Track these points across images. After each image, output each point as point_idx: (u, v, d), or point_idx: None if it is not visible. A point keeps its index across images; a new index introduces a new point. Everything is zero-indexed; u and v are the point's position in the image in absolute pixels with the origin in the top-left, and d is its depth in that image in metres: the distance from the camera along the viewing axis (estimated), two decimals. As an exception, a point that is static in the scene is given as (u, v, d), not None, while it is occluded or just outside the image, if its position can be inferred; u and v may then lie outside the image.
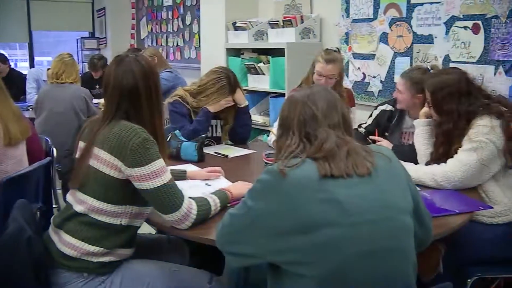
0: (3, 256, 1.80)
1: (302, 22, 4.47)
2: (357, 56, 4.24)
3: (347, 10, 4.28)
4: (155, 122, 1.94)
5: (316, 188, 1.41)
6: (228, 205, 2.04)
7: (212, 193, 2.04)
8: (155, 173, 1.79)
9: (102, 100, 5.35)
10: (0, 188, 2.26)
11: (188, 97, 3.12)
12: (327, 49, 3.26)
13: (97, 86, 6.00)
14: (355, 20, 4.22)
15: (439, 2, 3.56)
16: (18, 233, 1.79)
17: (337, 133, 1.53)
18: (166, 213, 1.82)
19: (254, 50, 4.94)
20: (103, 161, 1.82)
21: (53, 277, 1.88)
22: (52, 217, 2.02)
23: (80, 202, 1.87)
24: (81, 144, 1.98)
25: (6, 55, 6.22)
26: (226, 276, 2.09)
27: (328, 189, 1.41)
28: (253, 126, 3.61)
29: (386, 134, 2.99)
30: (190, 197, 1.90)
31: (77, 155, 1.98)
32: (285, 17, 4.56)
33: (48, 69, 5.87)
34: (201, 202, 1.91)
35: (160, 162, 1.82)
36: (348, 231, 1.39)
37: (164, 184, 1.81)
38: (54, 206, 3.11)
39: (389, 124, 3.01)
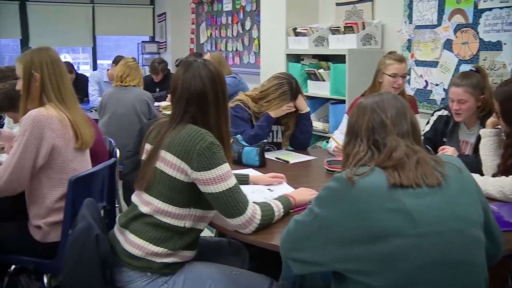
0: (73, 252, 1.87)
1: (364, 29, 4.43)
2: (420, 63, 4.16)
3: (409, 16, 4.21)
4: (221, 126, 1.96)
5: (385, 197, 1.39)
6: (291, 211, 2.03)
7: (275, 199, 2.04)
8: (220, 177, 1.81)
9: (162, 103, 5.52)
10: (70, 186, 2.33)
11: (250, 102, 3.15)
12: (390, 52, 3.24)
13: (157, 89, 6.14)
14: (418, 27, 4.14)
15: (510, 7, 3.43)
16: (87, 231, 1.85)
17: (406, 142, 1.50)
18: (230, 217, 1.84)
19: (314, 56, 4.92)
20: (170, 164, 1.85)
21: (118, 275, 1.93)
22: (117, 217, 2.07)
23: (145, 203, 1.91)
24: (148, 146, 2.02)
25: (72, 63, 6.46)
26: (281, 282, 2.08)
27: (397, 199, 1.39)
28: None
29: (444, 139, 2.90)
30: (254, 202, 1.91)
31: (143, 157, 2.02)
32: (346, 23, 4.53)
33: (108, 70, 6.09)
34: (265, 208, 1.92)
35: (226, 167, 1.84)
36: (416, 242, 1.36)
37: (230, 188, 1.82)
38: (116, 205, 3.18)
39: (445, 129, 2.92)
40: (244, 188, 2.10)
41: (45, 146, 2.31)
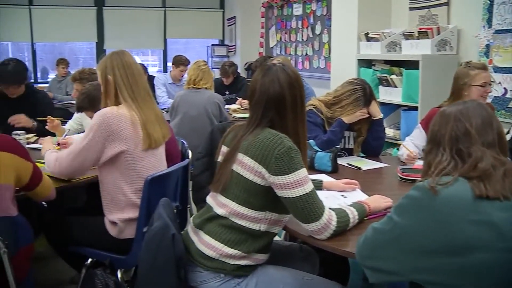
0: (149, 250, 1.91)
1: (439, 34, 4.31)
2: (499, 69, 4.00)
3: (489, 21, 4.06)
4: (299, 130, 1.95)
5: (469, 209, 1.35)
6: (365, 218, 2.01)
7: (350, 205, 2.02)
8: (298, 182, 1.81)
9: (232, 106, 5.58)
10: (146, 185, 2.39)
11: (323, 107, 3.13)
12: (467, 62, 3.14)
13: (227, 92, 6.21)
14: (498, 31, 3.99)
15: None
16: (163, 230, 1.89)
17: (491, 153, 1.45)
18: (306, 222, 1.83)
19: (386, 62, 4.85)
20: (247, 167, 1.86)
21: (191, 275, 1.96)
22: (192, 217, 2.11)
23: (221, 205, 1.93)
24: (224, 149, 2.03)
25: (144, 65, 6.65)
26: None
27: (483, 211, 1.34)
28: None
29: None
30: (330, 208, 1.90)
31: (220, 159, 2.04)
32: (420, 28, 4.43)
33: (170, 71, 6.23)
34: (341, 214, 1.90)
35: (303, 172, 1.83)
36: (502, 256, 1.32)
37: (306, 193, 1.81)
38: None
39: None
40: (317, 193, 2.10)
41: (110, 143, 2.40)
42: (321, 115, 3.12)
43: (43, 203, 3.11)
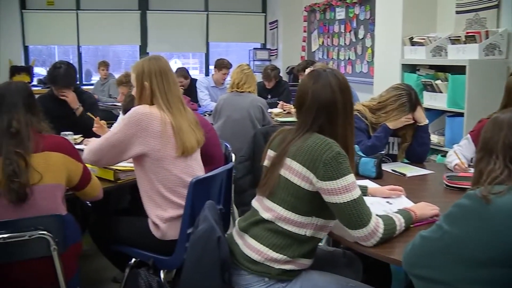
0: (194, 252, 1.94)
1: (487, 38, 4.22)
2: (550, 76, 3.89)
3: (541, 25, 3.95)
4: (348, 136, 1.95)
5: None
6: (411, 226, 1.98)
7: (396, 212, 2.00)
8: (345, 188, 1.80)
9: (274, 110, 5.59)
10: (190, 187, 2.42)
11: (367, 112, 3.11)
12: None
13: (269, 96, 6.22)
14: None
15: None
16: (209, 232, 1.90)
17: None
18: (353, 229, 1.82)
19: (431, 67, 4.77)
20: (295, 172, 1.86)
21: (235, 278, 1.97)
22: (237, 220, 2.12)
23: (267, 209, 1.93)
24: (270, 153, 2.04)
25: (186, 69, 6.73)
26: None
27: None
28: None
29: None
30: (376, 215, 1.88)
31: (266, 163, 2.04)
32: (468, 33, 4.34)
33: (212, 74, 6.28)
34: (388, 221, 1.88)
35: (351, 177, 1.82)
36: None
37: (354, 199, 1.80)
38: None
39: None
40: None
41: (138, 139, 2.45)
42: (365, 120, 3.10)
43: (88, 202, 3.18)
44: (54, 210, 2.19)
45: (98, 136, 3.40)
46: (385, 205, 2.27)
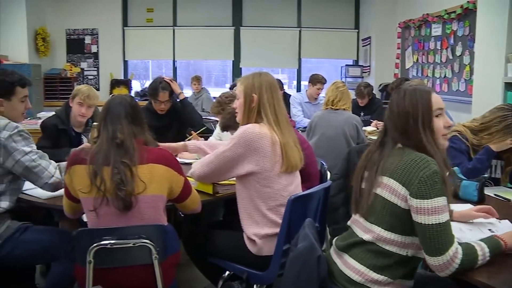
0: (293, 269, 1.94)
1: None
2: None
3: None
4: (444, 155, 1.90)
5: None
6: None
7: (482, 240, 1.89)
8: (434, 210, 1.76)
9: (368, 128, 5.52)
10: (288, 204, 2.43)
11: (468, 133, 3.01)
12: None
13: (362, 114, 6.15)
14: None
15: None
16: (309, 250, 1.91)
17: None
18: (429, 255, 1.78)
19: (537, 86, 4.53)
20: (392, 190, 1.85)
21: (333, 297, 1.96)
22: (335, 240, 2.12)
23: (366, 230, 1.92)
24: (365, 172, 2.02)
25: (281, 81, 6.80)
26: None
27: None
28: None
29: None
30: (459, 243, 1.81)
31: (361, 183, 2.02)
32: None
33: (306, 90, 6.29)
34: (468, 250, 1.79)
35: (443, 200, 1.78)
36: None
37: (440, 223, 1.76)
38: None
39: None
40: (460, 226, 2.02)
41: (247, 158, 2.48)
42: (466, 141, 3.00)
43: (181, 214, 3.28)
44: (157, 220, 2.29)
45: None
46: (486, 233, 2.15)
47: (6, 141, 2.57)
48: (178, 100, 4.47)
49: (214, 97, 7.83)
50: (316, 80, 6.19)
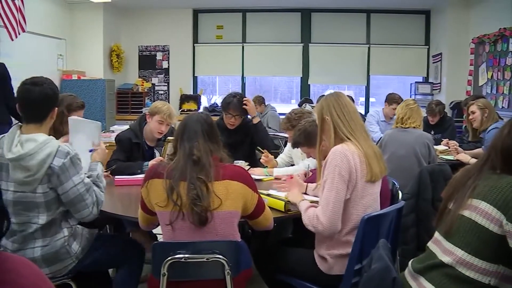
0: (368, 289, 1.91)
1: None
2: None
3: None
4: None
5: None
6: None
7: None
8: None
9: (439, 147, 5.37)
10: (362, 223, 2.41)
11: None
12: None
13: (432, 132, 6.00)
14: None
15: None
16: (384, 272, 1.87)
17: None
18: None
19: None
20: (484, 213, 1.77)
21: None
22: (411, 261, 2.06)
23: (447, 252, 1.85)
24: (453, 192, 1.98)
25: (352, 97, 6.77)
26: None
27: None
28: None
29: None
30: None
31: (450, 205, 1.97)
32: None
33: (383, 108, 6.23)
34: None
35: None
36: None
37: None
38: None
39: None
40: None
41: (352, 179, 2.48)
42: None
43: (249, 230, 3.29)
44: (231, 236, 2.32)
45: None
46: None
47: (59, 170, 2.50)
48: (251, 123, 4.49)
49: (280, 114, 7.89)
50: (393, 100, 6.17)
